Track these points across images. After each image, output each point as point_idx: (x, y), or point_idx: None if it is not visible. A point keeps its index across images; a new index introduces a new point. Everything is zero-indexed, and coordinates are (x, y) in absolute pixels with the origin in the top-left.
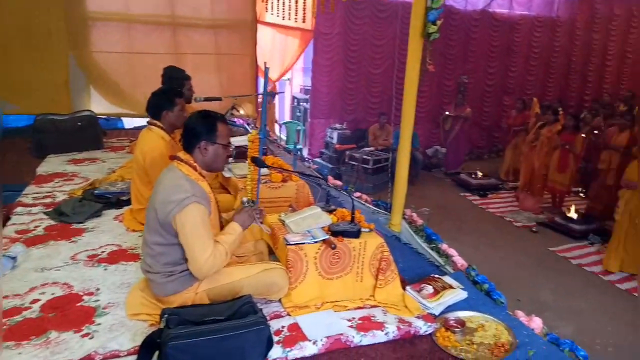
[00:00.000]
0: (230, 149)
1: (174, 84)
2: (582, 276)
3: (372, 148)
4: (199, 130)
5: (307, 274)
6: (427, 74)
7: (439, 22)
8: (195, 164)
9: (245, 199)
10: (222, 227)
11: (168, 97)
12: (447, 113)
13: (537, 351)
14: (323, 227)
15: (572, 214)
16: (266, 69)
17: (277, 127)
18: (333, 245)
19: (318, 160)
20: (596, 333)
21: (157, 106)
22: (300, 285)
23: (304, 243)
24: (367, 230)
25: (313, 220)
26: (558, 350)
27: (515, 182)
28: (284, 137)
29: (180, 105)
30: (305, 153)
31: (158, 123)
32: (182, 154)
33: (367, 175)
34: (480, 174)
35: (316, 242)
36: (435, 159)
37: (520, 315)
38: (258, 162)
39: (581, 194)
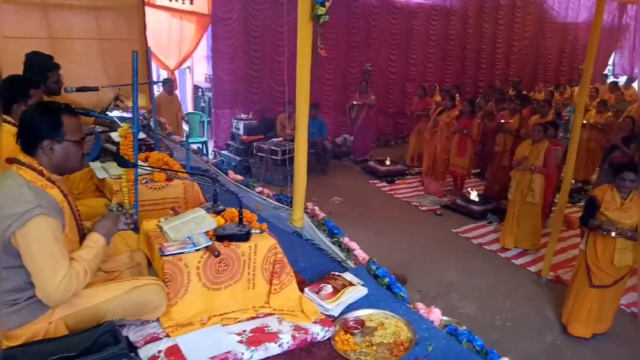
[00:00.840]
0: (88, 144)
1: (36, 74)
2: (483, 255)
3: (280, 138)
4: (38, 127)
5: (189, 286)
6: (328, 60)
7: (327, 4)
8: (40, 168)
9: (113, 203)
10: None
11: (20, 87)
12: (353, 102)
13: (436, 345)
14: (207, 232)
15: (474, 197)
16: (148, 53)
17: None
18: (217, 253)
19: (225, 152)
20: (496, 309)
21: (5, 98)
22: (181, 300)
23: (182, 252)
24: (257, 231)
25: (195, 224)
26: (456, 342)
27: (420, 167)
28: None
29: (36, 98)
30: (210, 146)
31: (8, 118)
32: (22, 157)
33: (277, 166)
34: (388, 160)
35: (197, 250)
36: (344, 148)
37: (421, 307)
38: (120, 162)
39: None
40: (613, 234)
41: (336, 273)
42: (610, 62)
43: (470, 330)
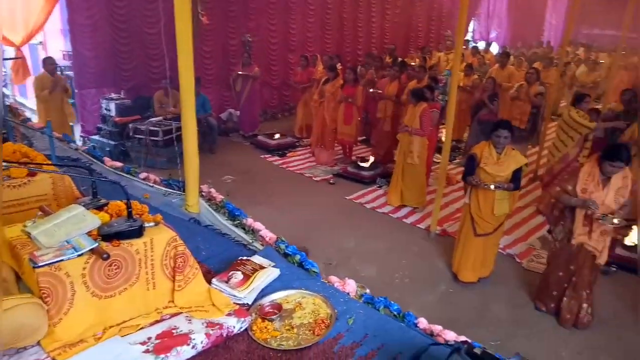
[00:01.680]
0: None
1: None
2: (376, 218)
3: (160, 117)
4: None
5: (74, 299)
6: (202, 27)
7: None
8: None
9: None
10: None
11: None
12: (238, 72)
13: (356, 317)
14: (89, 232)
15: (364, 164)
16: None
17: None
18: (105, 255)
19: (96, 137)
20: (394, 268)
21: None
22: (66, 316)
23: (61, 260)
24: (151, 224)
25: (73, 225)
26: (374, 311)
27: (309, 138)
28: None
29: None
30: (77, 131)
31: None
32: None
33: (159, 148)
34: (277, 134)
35: (80, 254)
36: (231, 123)
37: (335, 280)
38: None
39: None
40: (492, 187)
41: (244, 258)
42: (470, 28)
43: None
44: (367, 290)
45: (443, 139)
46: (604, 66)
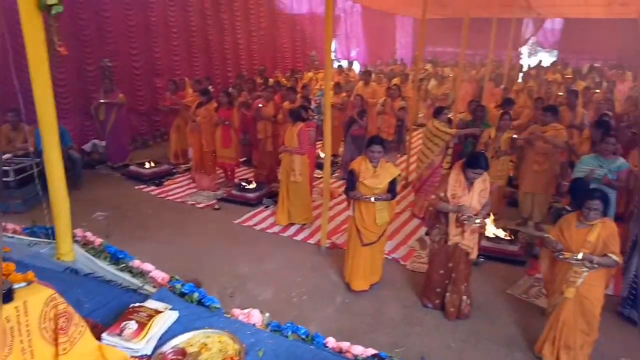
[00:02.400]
0: None
1: None
2: (267, 239)
3: (9, 155)
4: None
5: None
6: (58, 57)
7: None
8: None
9: None
10: None
11: None
12: (100, 101)
13: (266, 348)
14: None
15: (248, 185)
16: None
17: None
18: None
19: None
20: (290, 287)
21: None
22: None
23: None
24: (22, 284)
25: None
26: (283, 338)
27: (186, 163)
28: None
29: None
30: None
31: None
32: None
33: (11, 190)
34: (150, 162)
35: None
36: (96, 155)
37: (238, 313)
38: None
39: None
40: (372, 199)
41: (136, 305)
42: (333, 48)
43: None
44: (267, 314)
45: (322, 155)
46: (450, 79)
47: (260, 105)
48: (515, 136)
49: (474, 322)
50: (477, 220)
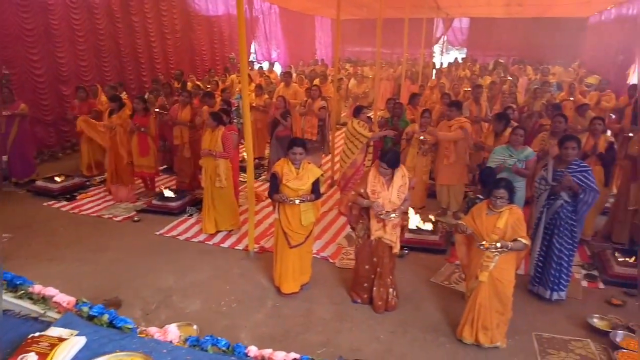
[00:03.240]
0: None
1: None
2: (193, 248)
3: None
4: None
5: None
6: None
7: None
8: None
9: None
10: None
11: None
12: None
13: None
14: None
15: (168, 193)
16: None
17: None
18: None
19: None
20: (219, 295)
21: None
22: None
23: None
24: None
25: None
26: (203, 352)
27: (101, 175)
28: None
29: None
30: None
31: None
32: None
33: None
34: (60, 176)
35: None
36: None
37: (154, 331)
38: None
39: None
40: (297, 201)
41: (36, 334)
42: (253, 50)
43: (202, 338)
44: (195, 327)
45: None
46: (370, 79)
47: (160, 111)
48: (422, 137)
49: (402, 313)
50: (393, 215)
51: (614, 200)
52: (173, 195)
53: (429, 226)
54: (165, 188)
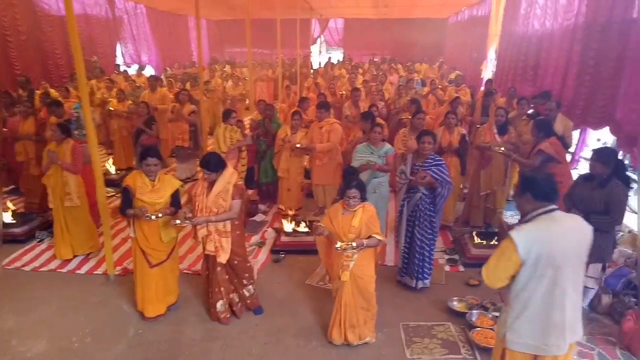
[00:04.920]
0: None
1: None
2: (42, 279)
3: None
4: None
5: None
6: None
7: None
8: None
9: None
10: None
11: None
12: None
13: None
14: None
15: (9, 218)
16: None
17: None
18: None
19: None
20: (70, 331)
21: None
22: None
23: None
24: None
25: None
26: None
27: None
28: None
29: None
30: None
31: None
32: None
33: None
34: None
35: None
36: None
37: None
38: None
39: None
40: (153, 217)
41: None
42: (119, 52)
43: None
44: None
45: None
46: (252, 80)
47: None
48: (298, 145)
49: (276, 320)
50: (177, 222)
51: (469, 187)
52: (14, 221)
53: (304, 228)
54: (5, 211)
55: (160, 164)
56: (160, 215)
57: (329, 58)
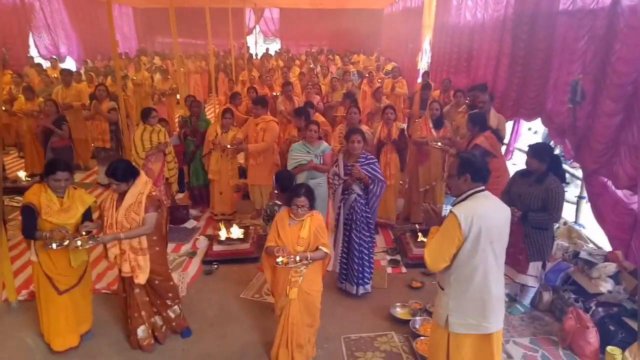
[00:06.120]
0: None
1: None
2: None
3: None
4: None
5: None
6: None
7: None
8: None
9: None
10: None
11: None
12: None
13: None
14: None
15: None
16: None
17: None
18: None
19: None
20: None
21: None
22: None
23: None
24: None
25: None
26: None
27: None
28: None
29: None
30: None
31: None
32: None
33: None
34: None
35: None
36: None
37: None
38: None
39: None
40: (66, 242)
41: None
42: (32, 43)
43: None
44: None
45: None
46: (181, 72)
47: None
48: (228, 146)
49: (206, 343)
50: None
51: (408, 183)
52: None
53: (238, 234)
54: None
55: (72, 178)
56: (66, 243)
57: (267, 49)
